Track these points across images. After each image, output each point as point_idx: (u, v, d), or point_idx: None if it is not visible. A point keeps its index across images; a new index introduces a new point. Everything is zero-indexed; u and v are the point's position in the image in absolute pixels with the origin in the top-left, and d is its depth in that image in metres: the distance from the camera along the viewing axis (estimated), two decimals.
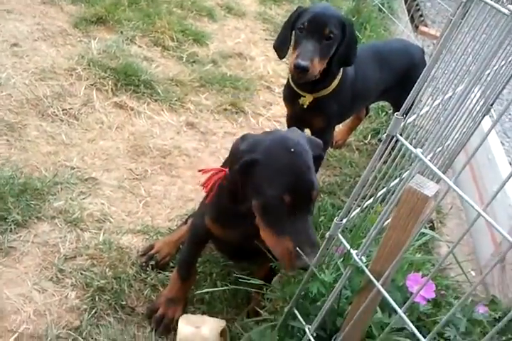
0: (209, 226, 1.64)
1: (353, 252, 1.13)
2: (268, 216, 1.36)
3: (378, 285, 1.05)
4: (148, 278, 1.90)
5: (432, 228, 2.41)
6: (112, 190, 2.24)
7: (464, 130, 1.87)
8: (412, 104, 1.17)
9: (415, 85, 1.12)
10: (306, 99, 2.19)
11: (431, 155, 1.62)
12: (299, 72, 2.00)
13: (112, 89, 2.74)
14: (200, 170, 1.57)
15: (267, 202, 1.34)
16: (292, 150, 1.34)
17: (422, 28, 6.10)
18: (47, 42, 2.96)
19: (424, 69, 1.12)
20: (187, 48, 3.29)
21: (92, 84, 2.73)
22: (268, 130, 2.74)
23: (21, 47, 2.86)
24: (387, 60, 2.40)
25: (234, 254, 1.84)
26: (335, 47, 2.05)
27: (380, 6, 4.08)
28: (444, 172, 2.10)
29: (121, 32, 3.19)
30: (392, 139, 1.11)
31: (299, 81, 2.13)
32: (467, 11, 1.12)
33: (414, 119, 1.58)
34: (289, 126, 2.44)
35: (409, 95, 1.12)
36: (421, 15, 6.32)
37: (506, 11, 0.92)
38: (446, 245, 2.18)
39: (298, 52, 2.03)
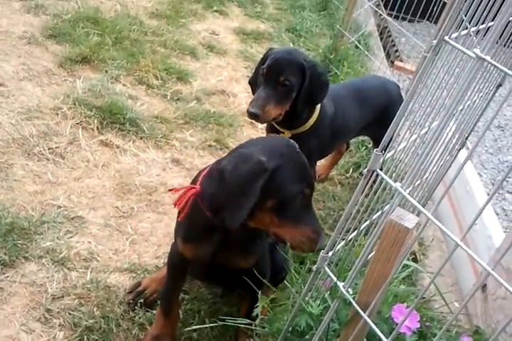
0: (181, 250, 1.68)
1: (340, 284, 1.16)
2: (285, 211, 1.49)
3: (365, 316, 1.08)
4: (137, 317, 1.89)
5: (415, 260, 2.45)
6: (98, 229, 2.24)
7: (442, 163, 1.93)
8: (391, 139, 1.23)
9: (393, 120, 1.19)
10: (285, 136, 2.26)
11: (410, 188, 1.67)
12: (251, 117, 2.11)
13: (97, 127, 2.78)
14: (170, 190, 1.61)
15: (288, 198, 1.47)
16: (298, 150, 1.53)
17: (398, 63, 6.31)
18: (32, 82, 3.01)
19: (402, 104, 1.18)
20: (171, 86, 3.36)
21: (77, 123, 2.77)
22: None
23: (7, 87, 2.91)
24: (366, 98, 2.49)
25: (206, 275, 1.87)
26: (294, 92, 2.11)
27: (357, 43, 4.23)
28: (423, 205, 2.15)
29: (106, 71, 3.26)
30: (372, 174, 1.16)
31: (259, 123, 2.22)
32: (440, 48, 1.20)
33: (394, 153, 1.65)
34: None
35: (388, 130, 1.19)
36: (396, 51, 6.55)
37: (472, 55, 0.99)
38: (429, 277, 2.21)
39: (253, 98, 2.13)
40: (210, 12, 4.58)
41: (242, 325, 1.48)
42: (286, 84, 2.09)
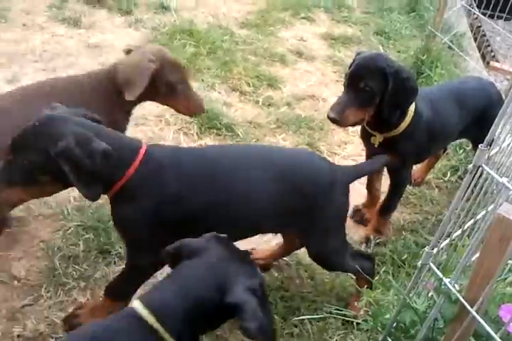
0: None
1: (446, 280, 1.18)
2: None
3: (473, 311, 1.10)
4: None
5: None
6: None
7: None
8: (493, 140, 1.23)
9: (496, 119, 1.19)
10: (376, 139, 2.28)
11: None
12: (331, 121, 2.17)
13: (197, 132, 2.96)
14: None
15: None
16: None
17: (493, 64, 6.02)
18: None
19: (502, 104, 1.18)
20: (262, 92, 3.47)
21: (179, 129, 2.97)
22: None
23: None
24: (464, 99, 2.43)
25: None
26: (376, 97, 2.11)
27: (450, 43, 4.13)
28: None
29: (202, 80, 3.43)
30: (478, 169, 1.17)
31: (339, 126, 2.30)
32: None
33: (495, 154, 1.62)
34: None
35: (493, 126, 1.19)
36: (491, 51, 6.29)
37: None
38: None
39: (334, 102, 2.19)
40: (298, 19, 4.66)
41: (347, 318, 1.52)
42: (367, 89, 2.10)
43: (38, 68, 3.22)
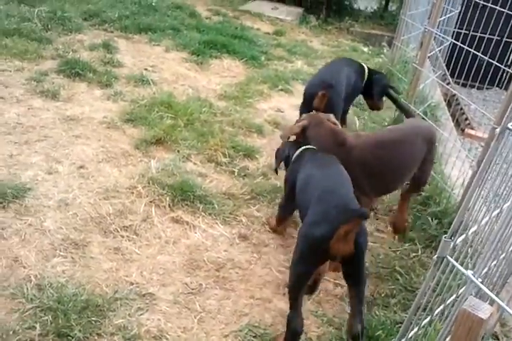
0: None
1: None
2: None
3: None
4: None
5: None
6: (168, 306, 2.28)
7: None
8: (460, 225, 1.21)
9: (463, 204, 1.17)
10: None
11: (486, 269, 1.60)
12: None
13: (169, 205, 2.91)
14: None
15: None
16: None
17: (469, 131, 6.18)
18: (110, 164, 3.22)
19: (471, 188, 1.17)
20: (238, 163, 3.48)
21: (151, 201, 2.91)
22: None
23: (87, 169, 3.12)
24: None
25: None
26: None
27: (422, 115, 4.24)
28: (503, 284, 2.05)
29: (178, 151, 3.44)
30: (443, 261, 1.14)
31: None
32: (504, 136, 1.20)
33: (465, 238, 1.60)
34: None
35: (456, 216, 1.17)
36: (466, 119, 6.48)
37: None
38: None
39: None
40: (276, 91, 4.79)
41: None
42: None
43: (9, 141, 3.21)
